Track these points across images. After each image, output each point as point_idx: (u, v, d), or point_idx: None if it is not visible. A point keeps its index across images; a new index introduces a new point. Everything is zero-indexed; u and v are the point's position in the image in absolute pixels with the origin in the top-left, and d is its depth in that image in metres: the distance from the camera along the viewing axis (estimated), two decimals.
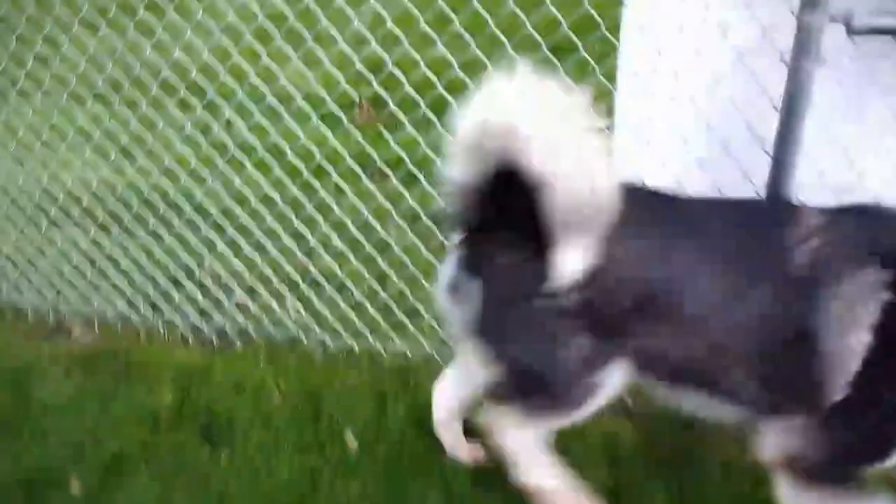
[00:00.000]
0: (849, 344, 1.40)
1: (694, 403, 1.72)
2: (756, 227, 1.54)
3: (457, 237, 1.75)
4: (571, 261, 1.55)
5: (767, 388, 1.55)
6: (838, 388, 1.44)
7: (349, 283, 2.50)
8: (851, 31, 1.59)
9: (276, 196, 2.52)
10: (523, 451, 1.87)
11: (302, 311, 2.53)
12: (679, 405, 1.76)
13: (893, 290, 1.37)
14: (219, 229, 2.62)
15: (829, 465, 1.57)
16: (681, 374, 1.66)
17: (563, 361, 1.67)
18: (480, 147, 1.49)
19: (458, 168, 1.57)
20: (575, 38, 2.05)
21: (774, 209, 1.69)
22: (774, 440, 1.62)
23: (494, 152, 1.48)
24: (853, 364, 1.41)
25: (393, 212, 2.41)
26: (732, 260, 1.52)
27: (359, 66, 2.27)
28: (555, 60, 2.01)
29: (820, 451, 1.56)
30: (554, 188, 1.44)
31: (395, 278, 2.40)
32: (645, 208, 1.61)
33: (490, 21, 2.04)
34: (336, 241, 2.47)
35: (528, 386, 1.78)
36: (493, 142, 1.46)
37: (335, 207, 2.42)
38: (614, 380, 1.70)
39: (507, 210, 1.60)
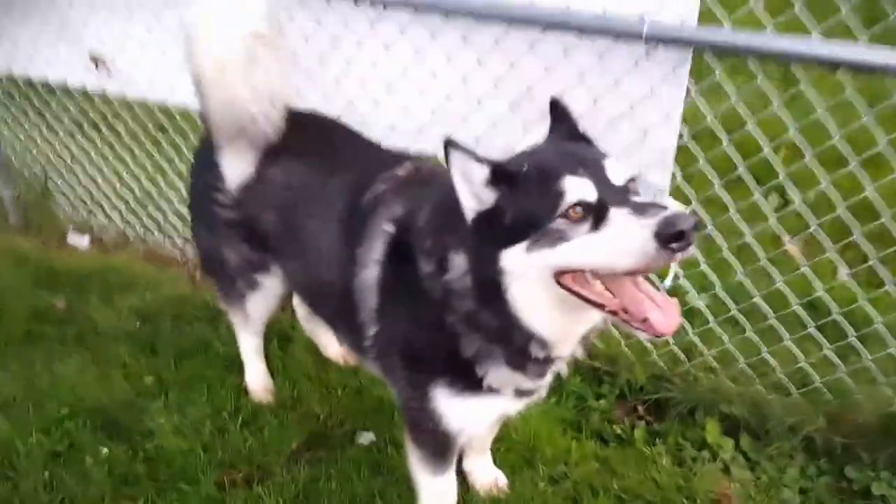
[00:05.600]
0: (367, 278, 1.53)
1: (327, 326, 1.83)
2: (362, 174, 1.61)
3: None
4: (231, 169, 1.69)
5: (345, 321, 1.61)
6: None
7: None
8: None
9: None
10: (245, 353, 2.29)
11: None
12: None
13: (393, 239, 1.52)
14: None
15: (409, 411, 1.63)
16: (304, 295, 1.81)
17: (228, 260, 1.90)
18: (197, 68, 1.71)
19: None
20: None
21: (385, 158, 1.71)
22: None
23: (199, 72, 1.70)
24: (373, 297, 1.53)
25: None
26: (330, 205, 1.61)
27: None
28: None
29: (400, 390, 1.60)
30: (209, 92, 1.60)
31: None
32: (303, 135, 1.68)
33: None
34: None
35: (211, 270, 2.04)
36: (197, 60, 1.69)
37: None
38: (275, 282, 1.92)
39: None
